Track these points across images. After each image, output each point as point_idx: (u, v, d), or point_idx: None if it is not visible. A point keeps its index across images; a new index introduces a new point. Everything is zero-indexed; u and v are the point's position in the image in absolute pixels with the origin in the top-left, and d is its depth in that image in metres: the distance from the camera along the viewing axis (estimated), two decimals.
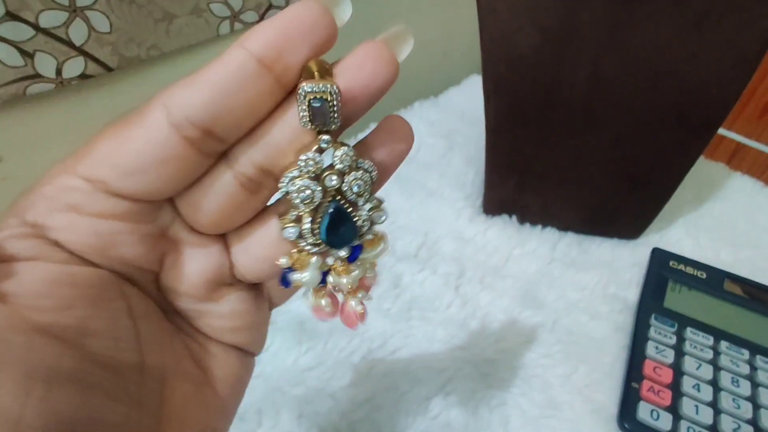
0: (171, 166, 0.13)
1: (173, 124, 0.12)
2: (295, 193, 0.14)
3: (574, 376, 0.34)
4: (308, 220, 0.15)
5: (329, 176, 0.14)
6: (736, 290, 0.39)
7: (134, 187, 0.13)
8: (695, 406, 0.31)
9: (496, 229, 0.45)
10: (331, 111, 0.13)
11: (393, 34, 0.14)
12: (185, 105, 0.12)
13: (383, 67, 0.13)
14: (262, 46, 0.12)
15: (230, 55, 0.12)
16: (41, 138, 0.38)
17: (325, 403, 0.32)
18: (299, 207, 0.14)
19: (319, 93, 0.12)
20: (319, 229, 0.15)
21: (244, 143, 0.13)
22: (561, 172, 0.41)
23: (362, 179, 0.15)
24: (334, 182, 0.14)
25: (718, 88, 0.33)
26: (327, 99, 0.13)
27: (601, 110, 0.36)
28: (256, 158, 0.14)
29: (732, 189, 0.51)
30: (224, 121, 0.12)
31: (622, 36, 0.32)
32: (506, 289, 0.40)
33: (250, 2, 0.44)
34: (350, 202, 0.15)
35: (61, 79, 0.36)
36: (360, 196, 0.15)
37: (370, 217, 0.16)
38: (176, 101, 0.12)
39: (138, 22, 0.38)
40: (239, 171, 0.14)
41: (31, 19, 0.33)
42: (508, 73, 0.36)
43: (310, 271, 0.16)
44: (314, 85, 0.12)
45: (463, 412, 0.32)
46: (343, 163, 0.14)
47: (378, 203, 0.16)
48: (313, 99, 0.13)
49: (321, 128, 0.13)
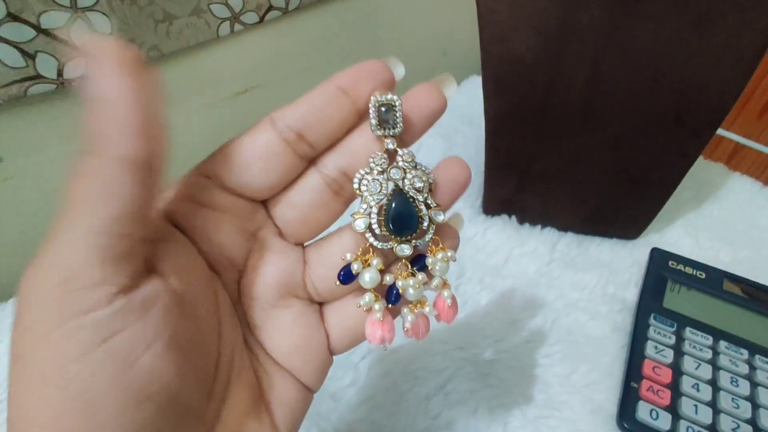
0: (272, 161, 0.16)
1: (276, 129, 0.16)
2: (364, 188, 0.17)
3: (574, 375, 0.35)
4: (375, 212, 0.17)
5: (394, 169, 0.17)
6: (736, 290, 0.39)
7: (241, 180, 0.16)
8: (694, 405, 0.31)
9: (496, 229, 0.45)
10: (394, 117, 0.17)
11: (440, 79, 0.18)
12: (286, 116, 0.16)
13: (433, 98, 0.17)
14: (343, 78, 0.16)
15: (321, 85, 0.16)
16: (42, 138, 0.39)
17: (325, 403, 0.32)
18: (368, 200, 0.17)
19: (385, 102, 0.16)
20: (385, 220, 0.17)
21: (329, 152, 0.17)
22: (560, 173, 0.41)
23: (422, 177, 0.17)
24: (398, 175, 0.17)
25: (717, 88, 0.33)
26: (392, 106, 0.17)
27: (601, 111, 0.36)
28: (338, 162, 0.17)
29: (731, 189, 0.51)
30: (314, 128, 0.16)
31: (621, 36, 0.32)
32: (506, 289, 0.40)
33: (251, 3, 0.44)
34: (412, 198, 0.17)
35: (62, 79, 0.36)
36: (419, 192, 0.17)
37: (429, 214, 0.17)
38: (280, 114, 0.16)
39: (139, 23, 0.38)
40: (325, 173, 0.17)
41: (33, 20, 0.33)
42: (507, 73, 0.36)
43: (370, 271, 0.17)
44: (382, 96, 0.16)
45: (462, 412, 0.32)
46: (405, 161, 0.17)
47: (437, 205, 0.18)
48: (381, 106, 0.16)
49: (387, 133, 0.17)
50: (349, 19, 0.55)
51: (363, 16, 0.56)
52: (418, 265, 0.18)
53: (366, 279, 0.17)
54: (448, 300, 0.18)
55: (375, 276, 0.17)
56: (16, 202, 0.39)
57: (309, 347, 0.18)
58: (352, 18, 0.55)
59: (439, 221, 0.17)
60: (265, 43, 0.48)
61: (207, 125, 0.46)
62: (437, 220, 0.17)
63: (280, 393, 0.18)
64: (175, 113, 0.45)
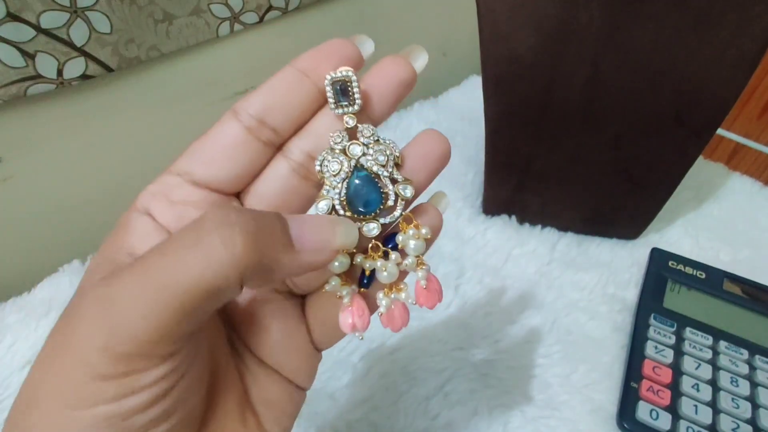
0: (237, 151, 0.16)
1: (238, 118, 0.16)
2: (325, 168, 0.16)
3: (574, 375, 0.35)
4: (337, 193, 0.16)
5: (353, 146, 0.16)
6: (736, 290, 0.39)
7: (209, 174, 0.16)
8: (694, 405, 0.31)
9: (496, 229, 0.45)
10: (351, 93, 0.16)
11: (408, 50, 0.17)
12: (247, 104, 0.16)
13: (400, 68, 0.17)
14: (304, 60, 0.16)
15: (282, 70, 0.16)
16: (42, 138, 0.39)
17: (324, 403, 0.32)
18: (330, 181, 0.16)
19: (339, 78, 0.16)
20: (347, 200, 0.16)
21: (294, 137, 0.17)
22: (560, 173, 0.41)
23: (385, 152, 0.16)
24: (358, 151, 0.16)
25: (717, 88, 0.33)
26: (347, 82, 0.16)
27: (600, 110, 0.36)
28: (303, 146, 0.17)
29: (731, 189, 0.51)
30: (276, 114, 0.16)
31: (621, 36, 0.32)
32: (505, 289, 0.40)
33: (251, 3, 0.44)
34: (375, 174, 0.16)
35: (62, 79, 0.36)
36: (383, 167, 0.16)
37: (396, 189, 0.16)
38: (241, 103, 0.16)
39: (138, 23, 0.38)
40: (291, 158, 0.17)
41: (32, 20, 0.33)
42: (507, 73, 0.36)
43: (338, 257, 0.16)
44: (335, 73, 0.16)
45: (462, 412, 0.32)
46: (365, 136, 0.16)
47: (405, 179, 0.17)
48: (336, 83, 0.16)
49: (345, 111, 0.16)
50: (349, 19, 0.55)
51: (363, 16, 0.56)
52: (392, 245, 0.17)
53: (334, 264, 0.16)
54: (422, 281, 0.17)
55: (343, 260, 0.16)
56: (16, 202, 0.40)
57: (291, 342, 0.18)
58: (351, 18, 0.55)
59: (407, 196, 0.16)
60: (265, 43, 0.48)
61: (207, 125, 0.46)
62: (405, 195, 0.16)
63: (268, 393, 0.17)
64: (176, 113, 0.45)
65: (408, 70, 0.17)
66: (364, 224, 0.16)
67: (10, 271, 0.41)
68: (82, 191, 0.43)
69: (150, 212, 0.15)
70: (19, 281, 0.39)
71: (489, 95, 0.38)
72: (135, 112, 0.42)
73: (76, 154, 0.41)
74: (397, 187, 0.16)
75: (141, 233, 0.15)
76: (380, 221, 0.16)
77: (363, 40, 0.17)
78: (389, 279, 0.17)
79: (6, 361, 0.34)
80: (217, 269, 0.12)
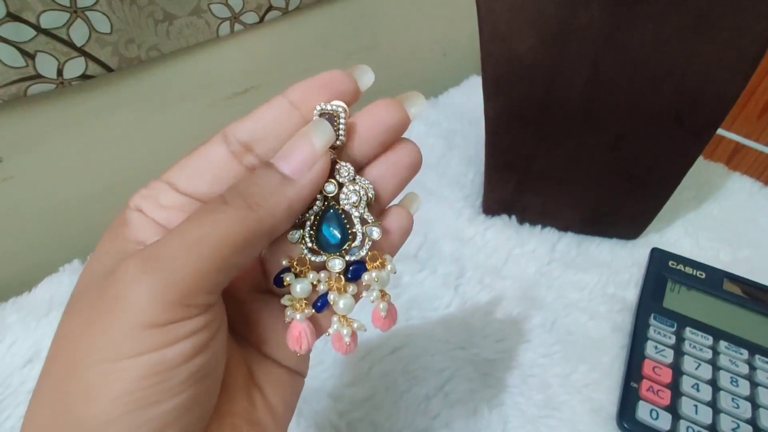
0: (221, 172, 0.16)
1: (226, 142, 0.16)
2: None
3: (574, 375, 0.35)
4: (308, 224, 0.17)
5: (328, 184, 0.17)
6: (736, 290, 0.39)
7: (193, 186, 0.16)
8: (694, 405, 0.31)
9: (496, 229, 0.45)
10: (336, 127, 0.16)
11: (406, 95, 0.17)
12: (237, 130, 0.16)
13: (390, 114, 0.17)
14: (296, 92, 0.16)
15: (274, 99, 0.17)
16: (42, 138, 0.39)
17: (324, 402, 0.32)
18: (304, 214, 0.17)
19: (327, 111, 0.16)
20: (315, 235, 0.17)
21: None
22: (560, 173, 0.41)
23: (358, 192, 0.17)
24: (331, 188, 0.17)
25: (717, 88, 0.33)
26: (334, 116, 0.16)
27: (600, 111, 0.36)
28: None
29: (731, 189, 0.51)
30: (262, 143, 0.16)
31: (621, 37, 0.32)
32: (505, 289, 0.40)
33: (251, 3, 0.44)
34: (346, 212, 0.17)
35: (62, 79, 0.36)
36: (355, 207, 0.17)
37: (364, 230, 0.17)
38: (231, 128, 0.16)
39: (138, 23, 0.38)
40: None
41: (32, 20, 0.33)
42: (507, 73, 0.36)
43: (303, 282, 0.17)
44: (326, 105, 0.16)
45: (462, 412, 0.32)
46: (341, 176, 0.17)
47: (376, 222, 0.17)
48: (323, 115, 0.16)
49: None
50: (349, 19, 0.55)
51: (363, 17, 0.56)
52: (354, 275, 0.17)
53: (297, 290, 0.17)
54: (383, 312, 0.18)
55: (307, 287, 0.17)
56: (16, 202, 0.40)
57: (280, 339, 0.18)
58: (351, 18, 0.55)
59: (374, 237, 0.17)
60: (265, 43, 0.48)
61: (207, 125, 0.46)
62: (372, 237, 0.17)
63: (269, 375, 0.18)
64: (176, 113, 0.45)
65: (400, 116, 0.17)
66: (329, 260, 0.17)
67: (10, 271, 0.41)
68: (82, 191, 0.43)
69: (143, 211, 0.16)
70: (19, 281, 0.39)
71: (489, 95, 0.38)
72: (135, 112, 0.42)
73: (76, 154, 0.41)
74: (365, 228, 0.17)
75: (142, 227, 0.16)
76: (346, 258, 0.17)
77: (363, 72, 0.17)
78: (345, 311, 0.17)
79: (6, 361, 0.34)
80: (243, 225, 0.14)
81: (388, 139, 0.17)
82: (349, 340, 0.18)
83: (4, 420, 0.31)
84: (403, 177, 0.18)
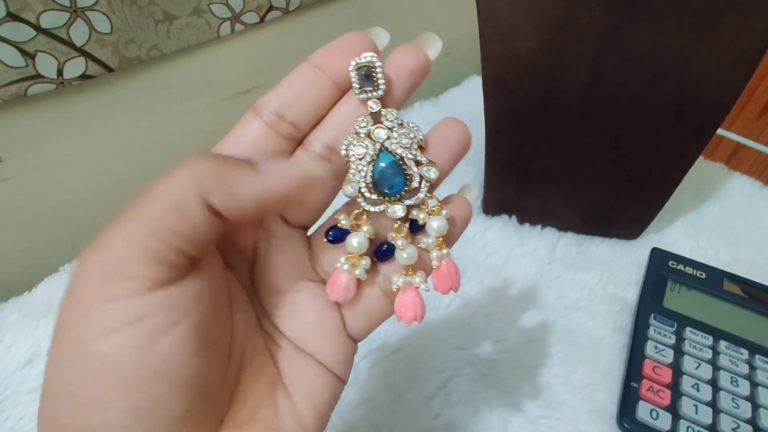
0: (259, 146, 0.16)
1: (258, 114, 0.16)
2: (350, 152, 0.17)
3: (574, 375, 0.35)
4: (362, 176, 0.17)
5: (378, 130, 0.17)
6: (736, 290, 0.39)
7: None
8: (694, 405, 0.31)
9: (496, 229, 0.45)
10: (375, 78, 0.16)
11: (422, 38, 0.18)
12: (267, 101, 0.17)
13: (415, 56, 0.17)
14: (320, 56, 0.17)
15: (300, 66, 0.17)
16: (42, 138, 0.39)
17: None
18: (356, 165, 0.17)
19: (364, 64, 0.16)
20: (372, 182, 0.17)
21: (314, 131, 0.17)
22: (560, 173, 0.41)
23: (408, 134, 0.17)
24: (383, 135, 0.17)
25: (717, 88, 0.33)
26: (371, 67, 0.16)
27: (601, 111, 0.36)
28: (322, 137, 0.17)
29: (731, 189, 0.51)
30: (293, 108, 0.17)
31: (621, 36, 0.32)
32: (506, 290, 0.40)
33: (251, 3, 0.44)
34: (400, 156, 0.17)
35: (62, 79, 0.36)
36: (407, 149, 0.17)
37: (420, 171, 0.17)
38: (261, 100, 0.17)
39: (139, 23, 0.38)
40: (311, 150, 0.17)
41: (32, 20, 0.33)
42: (507, 73, 0.36)
43: (359, 235, 0.17)
44: (360, 58, 0.16)
45: (463, 412, 0.32)
46: (389, 120, 0.17)
47: (429, 161, 0.17)
48: (360, 69, 0.16)
49: (369, 96, 0.16)
50: (349, 19, 0.55)
51: (363, 16, 0.56)
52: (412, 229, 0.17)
53: (353, 243, 0.17)
54: (434, 261, 0.17)
55: (363, 240, 0.17)
56: (17, 202, 0.40)
57: (323, 327, 0.18)
58: (352, 18, 0.55)
59: (431, 177, 0.17)
60: (266, 43, 0.48)
61: (207, 125, 0.46)
62: (429, 177, 0.17)
63: (304, 376, 0.18)
64: (176, 113, 0.45)
65: (422, 59, 0.17)
66: (390, 206, 0.17)
67: (10, 271, 0.41)
68: (82, 191, 0.43)
69: None
70: (19, 281, 0.39)
71: (489, 95, 0.38)
72: (135, 112, 0.42)
73: (76, 153, 0.41)
74: (421, 169, 0.17)
75: None
76: (405, 203, 0.17)
77: (378, 32, 0.17)
78: (408, 261, 0.17)
79: (6, 361, 0.34)
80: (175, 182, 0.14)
81: (415, 83, 0.17)
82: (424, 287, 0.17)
83: (4, 420, 0.31)
84: (454, 152, 0.18)
